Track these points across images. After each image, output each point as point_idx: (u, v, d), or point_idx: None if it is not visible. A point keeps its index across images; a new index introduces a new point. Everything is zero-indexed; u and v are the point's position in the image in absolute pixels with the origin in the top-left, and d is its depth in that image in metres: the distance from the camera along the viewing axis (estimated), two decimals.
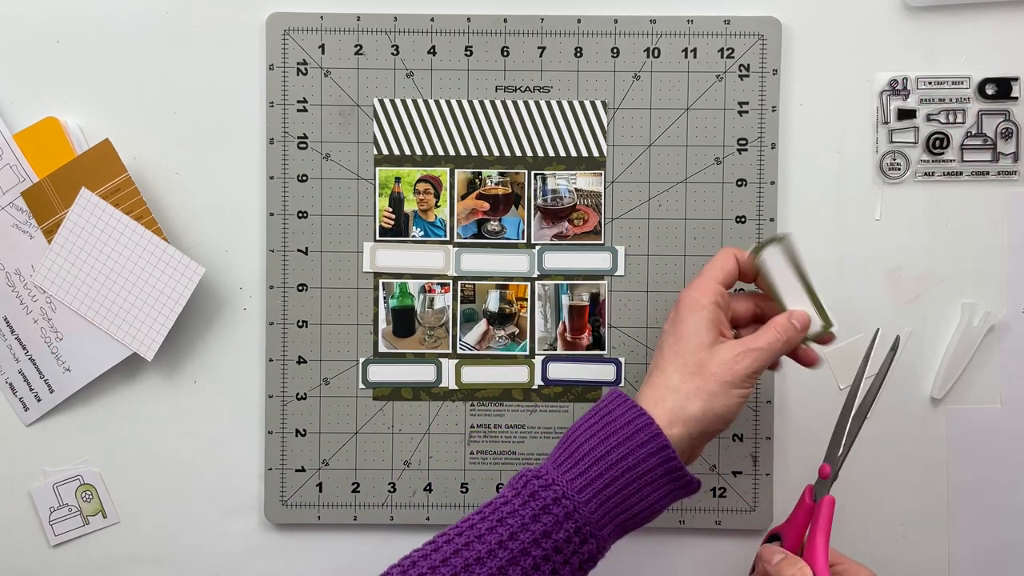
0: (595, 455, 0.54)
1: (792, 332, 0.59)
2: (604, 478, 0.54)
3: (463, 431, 0.70)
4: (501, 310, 0.70)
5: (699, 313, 0.57)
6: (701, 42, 0.69)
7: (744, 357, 0.56)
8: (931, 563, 0.71)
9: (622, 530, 0.55)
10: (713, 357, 0.56)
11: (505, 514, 0.53)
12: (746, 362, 0.56)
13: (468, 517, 0.54)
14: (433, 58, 0.69)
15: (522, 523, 0.52)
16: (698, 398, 0.55)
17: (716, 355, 0.56)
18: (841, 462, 0.61)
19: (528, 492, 0.53)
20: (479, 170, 0.70)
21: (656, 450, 0.54)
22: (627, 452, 0.54)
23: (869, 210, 0.70)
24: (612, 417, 0.55)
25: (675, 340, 0.57)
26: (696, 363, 0.56)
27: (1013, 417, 0.70)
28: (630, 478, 0.54)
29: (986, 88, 0.69)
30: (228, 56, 0.70)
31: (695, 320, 0.57)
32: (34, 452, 0.71)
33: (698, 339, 0.57)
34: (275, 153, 0.70)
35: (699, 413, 0.55)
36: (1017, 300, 0.70)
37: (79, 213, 0.68)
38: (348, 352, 0.70)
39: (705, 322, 0.57)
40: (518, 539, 0.52)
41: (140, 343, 0.68)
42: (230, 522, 0.71)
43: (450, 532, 0.54)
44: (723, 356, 0.56)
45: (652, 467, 0.54)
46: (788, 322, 0.59)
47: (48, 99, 0.70)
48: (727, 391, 0.56)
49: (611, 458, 0.54)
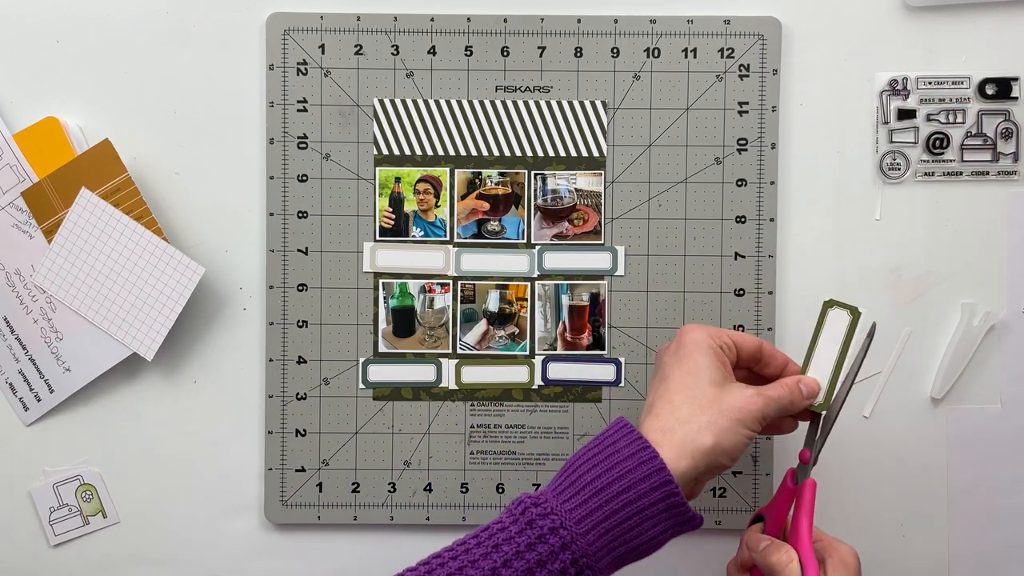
0: (596, 486, 0.53)
1: (797, 396, 0.59)
2: (604, 510, 0.53)
3: (463, 431, 0.71)
4: (501, 310, 0.70)
5: (708, 351, 0.58)
6: (701, 42, 0.69)
7: (757, 399, 0.56)
8: (931, 563, 0.71)
9: (620, 563, 0.55)
10: (726, 394, 0.56)
11: (501, 540, 0.53)
12: (759, 404, 0.56)
13: (464, 540, 0.54)
14: (433, 58, 0.69)
15: (517, 550, 0.52)
16: (710, 432, 0.55)
17: (729, 393, 0.56)
18: (820, 446, 0.61)
19: (526, 519, 0.53)
20: (479, 170, 0.70)
21: (659, 484, 0.53)
22: (629, 485, 0.53)
23: (869, 210, 0.70)
24: (616, 448, 0.54)
25: (684, 374, 0.57)
26: (709, 398, 0.56)
27: (1013, 417, 0.70)
28: (630, 512, 0.53)
29: (986, 88, 0.69)
30: (228, 56, 0.70)
31: (705, 357, 0.57)
32: (34, 452, 0.71)
33: (710, 375, 0.57)
34: (275, 153, 0.70)
35: (710, 446, 0.54)
36: (1017, 300, 0.70)
37: (79, 213, 0.68)
38: (348, 352, 0.70)
39: (715, 360, 0.58)
40: (512, 566, 0.52)
41: (140, 343, 0.68)
42: (230, 522, 0.71)
43: (444, 555, 0.54)
44: (737, 395, 0.56)
45: (654, 502, 0.53)
46: (796, 385, 0.59)
47: (48, 99, 0.70)
48: (737, 428, 0.55)
49: (612, 490, 0.53)
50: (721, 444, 0.55)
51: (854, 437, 0.70)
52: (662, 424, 0.55)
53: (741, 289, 0.70)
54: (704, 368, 0.57)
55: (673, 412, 0.56)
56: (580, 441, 0.70)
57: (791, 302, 0.70)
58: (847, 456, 0.70)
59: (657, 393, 0.58)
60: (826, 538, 0.60)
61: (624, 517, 0.53)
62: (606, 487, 0.53)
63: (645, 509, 0.53)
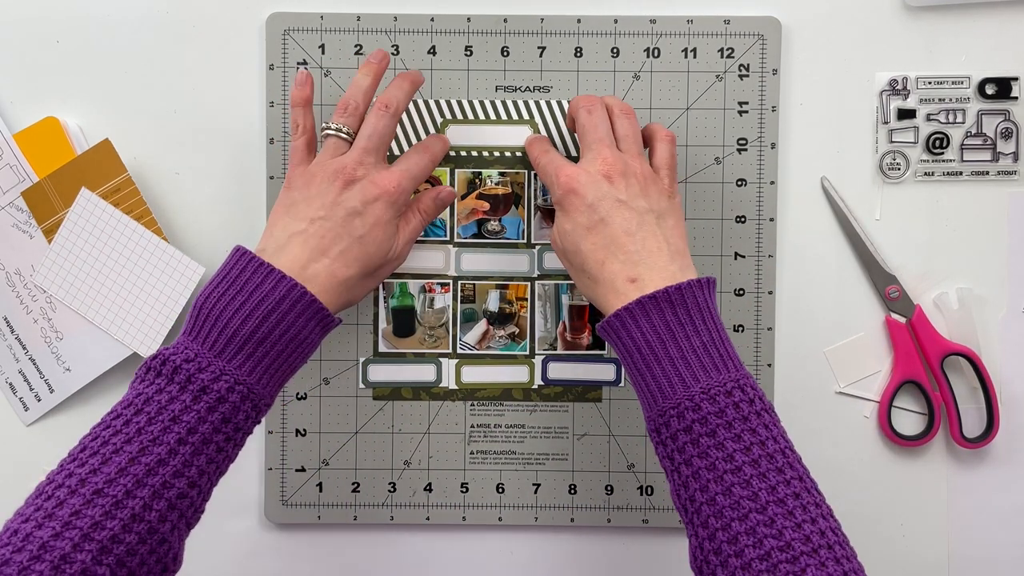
0: (257, 337, 0.55)
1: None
2: (271, 354, 0.56)
3: (463, 431, 0.70)
4: (501, 310, 0.70)
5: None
6: (701, 42, 0.69)
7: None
8: (931, 563, 0.71)
9: (283, 382, 0.58)
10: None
11: (177, 411, 0.53)
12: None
13: (119, 413, 0.53)
14: (433, 58, 0.69)
15: (200, 416, 0.53)
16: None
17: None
18: None
19: (197, 386, 0.53)
20: (479, 170, 0.70)
21: (311, 311, 0.56)
22: (288, 326, 0.56)
23: (869, 210, 0.70)
24: (253, 285, 0.56)
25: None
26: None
27: (1013, 416, 0.70)
28: (292, 346, 0.56)
29: (986, 88, 0.69)
30: (228, 56, 0.70)
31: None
32: (34, 452, 0.71)
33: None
34: (275, 153, 0.70)
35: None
36: (1017, 300, 0.70)
37: (79, 213, 0.68)
38: (348, 352, 0.70)
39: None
40: (198, 432, 0.53)
41: (140, 343, 0.68)
42: (230, 522, 0.71)
43: (116, 440, 0.52)
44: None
45: (310, 328, 0.57)
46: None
47: (48, 99, 0.70)
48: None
49: (273, 336, 0.55)
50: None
51: (854, 437, 0.70)
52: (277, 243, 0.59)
53: (741, 289, 0.70)
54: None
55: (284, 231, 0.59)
56: (580, 441, 0.70)
57: (791, 302, 0.70)
58: (847, 456, 0.70)
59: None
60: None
61: (288, 351, 0.56)
62: (267, 336, 0.55)
63: (304, 338, 0.57)
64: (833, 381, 0.70)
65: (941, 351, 0.69)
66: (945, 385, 0.69)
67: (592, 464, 0.70)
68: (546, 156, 0.64)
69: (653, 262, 0.56)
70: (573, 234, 0.58)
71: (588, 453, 0.70)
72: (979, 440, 0.69)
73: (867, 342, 0.70)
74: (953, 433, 0.69)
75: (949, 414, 0.69)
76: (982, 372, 0.69)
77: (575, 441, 0.70)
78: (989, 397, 0.69)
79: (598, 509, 0.70)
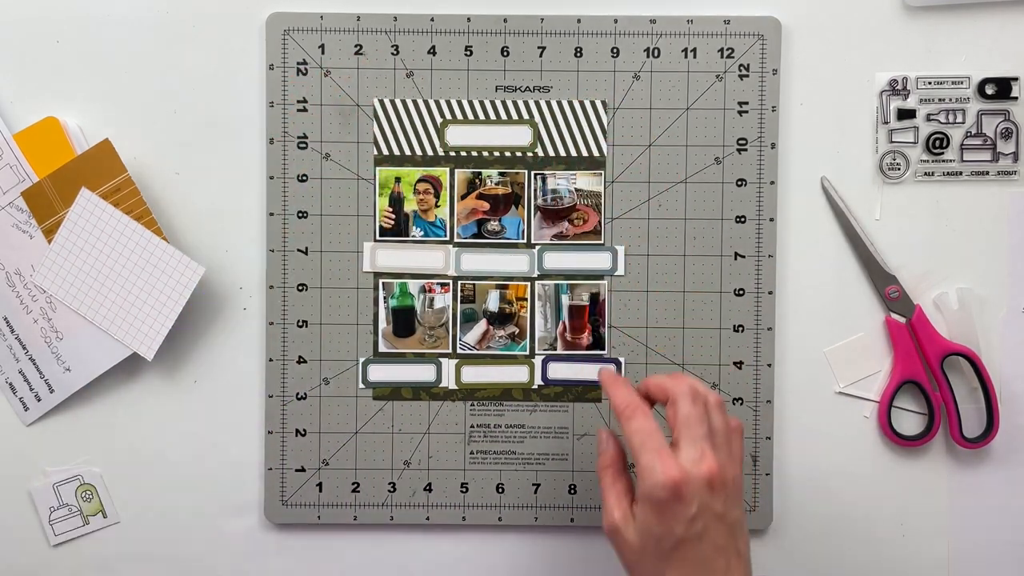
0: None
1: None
2: None
3: (463, 431, 0.70)
4: (501, 310, 0.70)
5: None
6: (701, 42, 0.69)
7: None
8: (931, 563, 0.71)
9: None
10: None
11: None
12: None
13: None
14: (433, 58, 0.69)
15: None
16: None
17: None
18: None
19: None
20: (479, 170, 0.70)
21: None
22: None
23: (869, 210, 0.70)
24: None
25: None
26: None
27: (1013, 417, 0.70)
28: None
29: (986, 88, 0.69)
30: (228, 56, 0.70)
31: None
32: (34, 452, 0.71)
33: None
34: (275, 153, 0.70)
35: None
36: (1017, 300, 0.70)
37: (79, 213, 0.68)
38: (348, 352, 0.70)
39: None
40: None
41: (140, 343, 0.68)
42: (230, 522, 0.71)
43: None
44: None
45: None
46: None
47: (48, 99, 0.70)
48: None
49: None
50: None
51: (854, 437, 0.70)
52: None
53: (741, 289, 0.70)
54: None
55: None
56: (580, 441, 0.70)
57: (791, 302, 0.70)
58: (847, 456, 0.70)
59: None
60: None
61: None
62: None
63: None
64: (833, 381, 0.70)
65: (941, 351, 0.69)
66: (945, 385, 0.69)
67: (592, 464, 0.70)
68: (637, 424, 0.55)
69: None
70: (663, 541, 0.54)
71: (588, 453, 0.70)
72: (979, 440, 0.69)
73: (867, 342, 0.70)
74: (953, 433, 0.69)
75: (949, 414, 0.69)
76: (982, 372, 0.69)
77: (575, 441, 0.70)
78: (989, 397, 0.69)
79: (598, 509, 0.70)
